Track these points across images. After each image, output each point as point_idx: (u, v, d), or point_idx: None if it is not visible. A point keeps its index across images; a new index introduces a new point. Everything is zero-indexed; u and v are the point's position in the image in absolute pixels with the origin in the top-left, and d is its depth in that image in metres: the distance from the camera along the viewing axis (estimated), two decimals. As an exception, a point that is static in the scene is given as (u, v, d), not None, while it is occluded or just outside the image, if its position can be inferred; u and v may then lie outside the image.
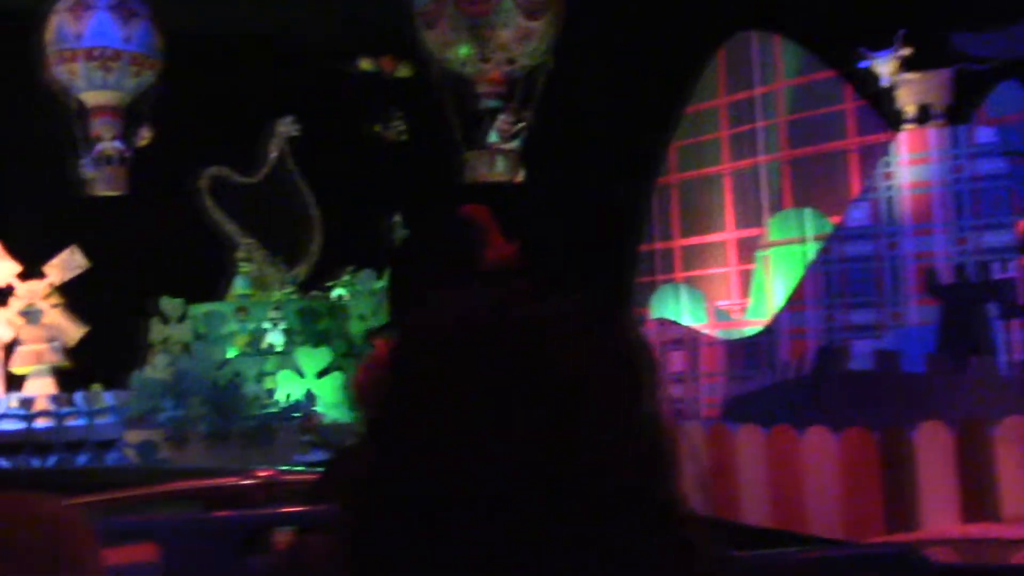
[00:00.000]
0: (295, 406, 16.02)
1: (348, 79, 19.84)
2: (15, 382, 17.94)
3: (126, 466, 14.27)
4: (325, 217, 20.10)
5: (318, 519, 2.46)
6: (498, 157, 16.85)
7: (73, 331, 17.92)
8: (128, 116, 18.58)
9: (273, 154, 19.85)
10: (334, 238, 20.11)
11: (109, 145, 18.32)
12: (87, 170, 18.44)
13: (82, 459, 14.91)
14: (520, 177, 17.17)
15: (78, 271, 18.06)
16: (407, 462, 0.87)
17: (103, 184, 18.33)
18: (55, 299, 17.99)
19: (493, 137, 16.96)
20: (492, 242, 1.84)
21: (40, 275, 18.03)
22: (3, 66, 18.51)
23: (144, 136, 18.58)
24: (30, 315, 17.88)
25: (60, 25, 18.04)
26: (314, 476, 3.36)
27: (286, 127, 19.78)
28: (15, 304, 17.78)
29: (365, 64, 19.67)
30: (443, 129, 17.64)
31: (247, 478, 3.64)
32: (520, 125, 17.02)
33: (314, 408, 15.85)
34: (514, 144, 17.02)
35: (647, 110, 16.31)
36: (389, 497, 0.87)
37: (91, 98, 18.35)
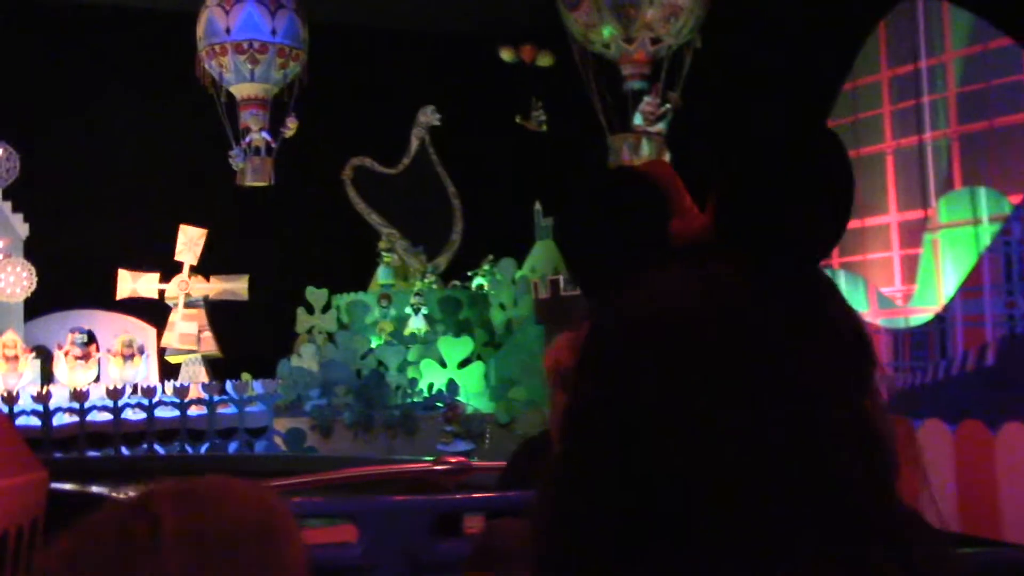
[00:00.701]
0: (438, 396, 15.91)
1: (490, 70, 19.64)
2: (169, 371, 18.48)
3: (275, 455, 14.41)
4: (466, 206, 20.00)
5: (507, 505, 2.61)
6: (643, 141, 16.30)
7: (238, 284, 18.20)
8: (274, 107, 18.87)
9: (415, 144, 19.85)
10: (475, 227, 19.99)
11: (257, 136, 18.62)
12: (237, 161, 18.80)
13: (233, 446, 15.15)
14: (666, 161, 16.61)
15: (201, 241, 18.32)
16: (608, 452, 0.85)
17: (251, 175, 18.66)
18: (201, 279, 18.34)
19: (638, 120, 16.42)
20: (680, 209, 1.53)
21: (179, 267, 18.45)
22: (162, 63, 19.09)
23: (289, 127, 18.82)
24: (190, 305, 18.28)
25: (211, 20, 18.43)
26: (502, 464, 3.28)
27: (427, 117, 19.75)
28: (172, 287, 18.23)
29: (506, 55, 19.41)
30: (586, 114, 17.22)
31: (439, 464, 3.60)
32: (666, 107, 16.44)
33: (457, 398, 15.70)
34: (660, 127, 16.45)
35: (801, 87, 15.48)
36: (585, 486, 0.86)
37: (240, 90, 18.68)
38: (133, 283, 18.26)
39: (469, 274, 19.39)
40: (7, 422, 5.61)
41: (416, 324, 17.71)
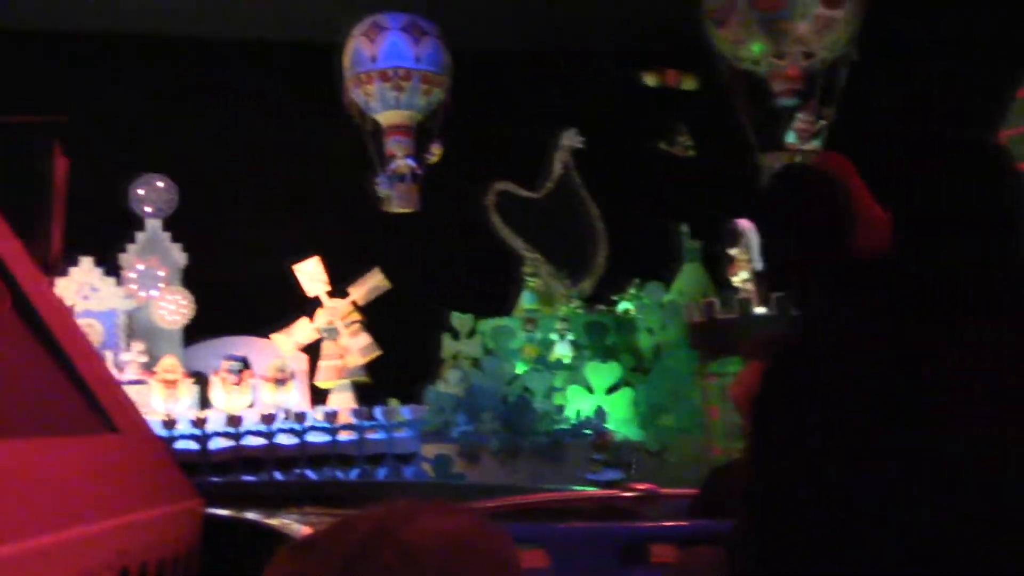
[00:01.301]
0: (585, 423, 15.59)
1: (632, 92, 19.36)
2: (319, 396, 18.75)
3: (423, 481, 14.34)
4: (610, 229, 19.68)
5: (698, 534, 2.66)
6: (797, 159, 15.67)
7: (360, 356, 18.43)
8: (419, 134, 19.04)
9: (558, 167, 19.67)
10: (619, 250, 19.65)
11: (402, 163, 18.82)
12: (382, 188, 19.02)
13: (382, 472, 15.19)
14: (821, 179, 15.90)
15: (379, 292, 18.64)
16: (812, 480, 0.88)
17: (397, 201, 18.85)
18: (354, 317, 18.62)
19: (791, 138, 15.80)
20: (861, 208, 1.45)
21: (344, 294, 18.77)
22: (310, 94, 19.55)
23: (434, 153, 18.95)
24: (330, 332, 18.62)
25: (356, 49, 18.77)
26: (692, 492, 3.38)
27: (570, 140, 19.56)
28: (320, 318, 18.58)
29: (650, 79, 19.10)
30: (733, 134, 16.70)
31: (626, 490, 3.60)
32: (820, 124, 15.77)
33: (604, 425, 15.34)
34: (814, 145, 15.78)
35: (966, 99, 14.58)
36: (789, 515, 0.89)
37: (385, 118, 18.94)
38: (311, 271, 18.60)
39: (615, 298, 19.04)
40: (163, 447, 5.58)
41: (562, 350, 17.46)
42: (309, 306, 18.91)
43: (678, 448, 14.16)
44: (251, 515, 9.09)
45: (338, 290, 18.85)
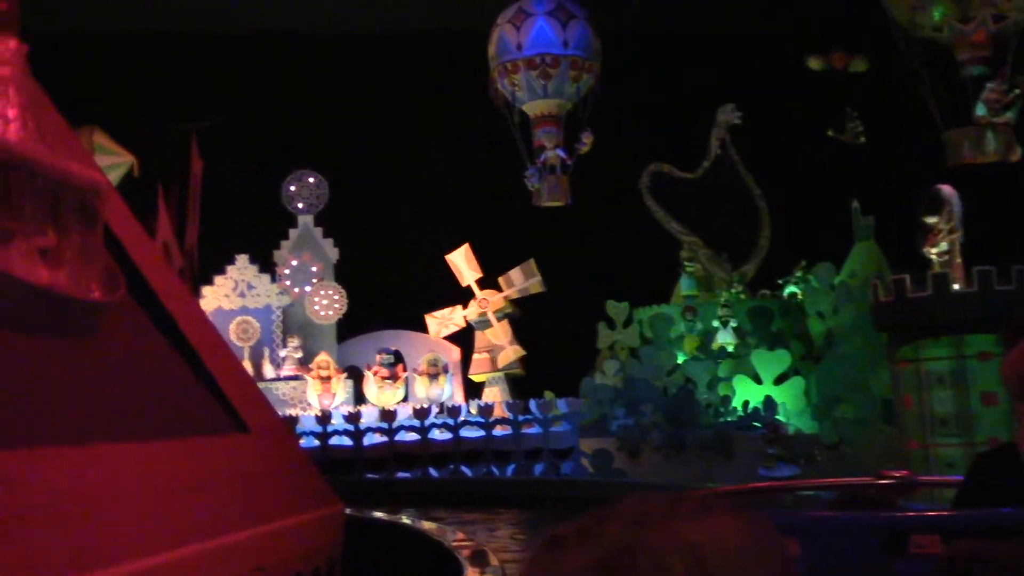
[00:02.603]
0: (754, 414, 14.59)
1: (797, 71, 18.19)
2: (474, 389, 18.37)
3: (582, 478, 13.68)
4: (773, 209, 18.51)
5: (962, 524, 2.54)
6: (988, 134, 14.09)
7: (509, 350, 17.92)
8: (568, 123, 18.37)
9: (715, 145, 18.63)
10: (784, 231, 18.47)
11: (552, 154, 18.18)
12: (532, 182, 18.44)
13: (539, 468, 14.60)
14: (1017, 155, 14.29)
15: (532, 289, 18.14)
16: None
17: (548, 194, 18.24)
18: (506, 309, 18.13)
19: (980, 110, 14.23)
20: None
21: (497, 286, 18.33)
22: (455, 85, 19.17)
23: (585, 142, 18.22)
24: (481, 324, 18.20)
25: (502, 38, 18.22)
26: (954, 479, 3.18)
27: (727, 115, 18.47)
28: (472, 309, 18.18)
29: (815, 63, 17.89)
30: (908, 110, 15.28)
31: (880, 478, 3.37)
32: (1015, 93, 14.18)
33: (776, 417, 14.31)
34: (1008, 116, 14.21)
35: None
36: None
37: (533, 108, 18.33)
38: (463, 260, 18.32)
39: (780, 282, 17.91)
40: (299, 448, 5.06)
41: (724, 337, 16.48)
42: (462, 299, 18.56)
43: (859, 441, 13.00)
44: (407, 520, 8.66)
45: (492, 282, 18.43)
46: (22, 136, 3.86)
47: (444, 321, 18.00)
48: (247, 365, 17.63)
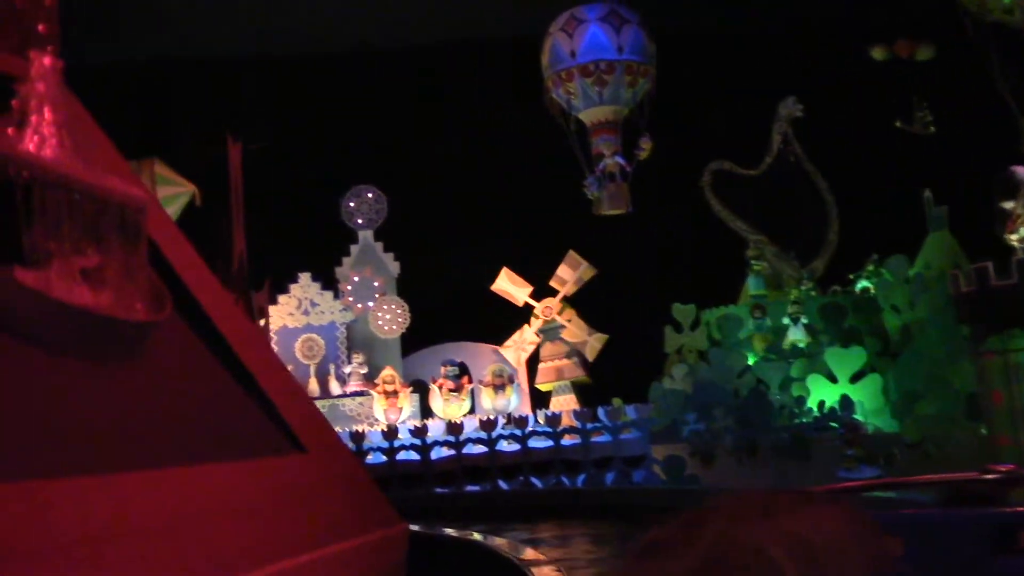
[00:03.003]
0: (830, 415, 14.10)
1: (861, 61, 17.69)
2: (540, 399, 18.13)
3: (655, 487, 13.33)
4: (841, 202, 17.98)
5: None
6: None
7: (592, 341, 17.69)
8: (626, 129, 18.07)
9: (777, 140, 18.17)
10: (853, 224, 17.93)
11: (610, 161, 17.90)
12: (592, 190, 18.17)
13: (610, 477, 14.29)
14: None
15: (585, 276, 17.83)
16: None
17: (608, 203, 17.95)
18: (569, 313, 17.94)
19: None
20: None
21: (552, 292, 18.11)
22: (514, 95, 18.99)
23: (644, 148, 17.91)
24: (547, 332, 18.00)
25: (555, 46, 18.00)
26: None
27: (789, 109, 18.00)
28: (534, 324, 17.99)
29: (878, 53, 17.38)
30: (978, 97, 14.70)
31: (987, 473, 3.18)
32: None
33: (854, 416, 13.81)
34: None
35: None
36: None
37: (589, 116, 18.07)
38: (509, 284, 18.14)
39: (851, 276, 17.39)
40: (359, 467, 4.87)
41: (796, 336, 16.02)
42: (522, 316, 18.36)
43: (943, 438, 12.46)
44: (473, 534, 8.47)
45: (543, 290, 18.20)
46: (58, 153, 3.73)
47: (519, 345, 17.82)
48: (313, 383, 17.65)
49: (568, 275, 17.86)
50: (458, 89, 20.60)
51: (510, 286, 18.05)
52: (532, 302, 18.09)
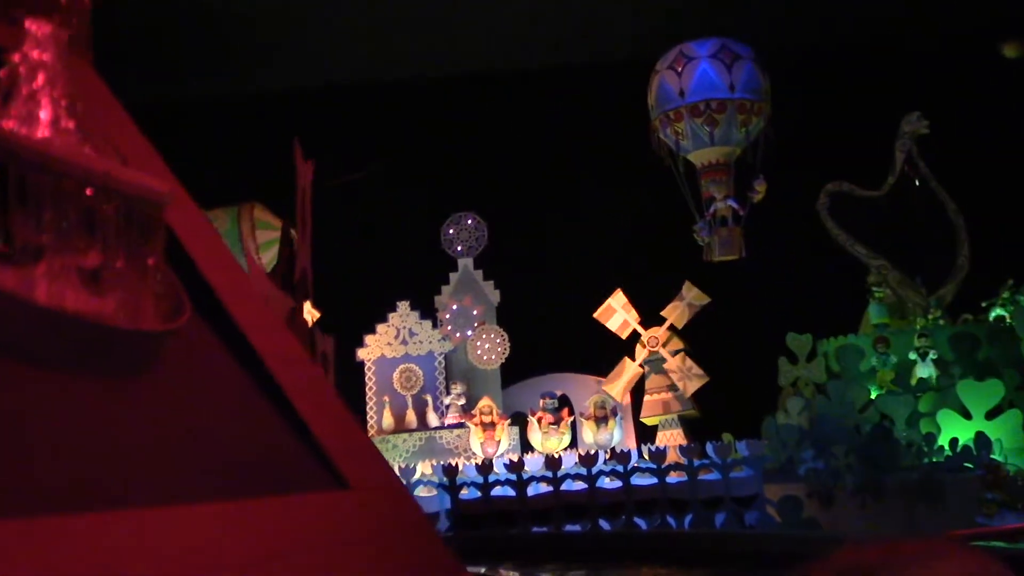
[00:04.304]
0: (965, 453, 12.89)
1: (989, 65, 16.48)
2: (646, 434, 17.27)
3: (769, 532, 12.30)
4: (972, 224, 16.68)
5: None
6: None
7: (691, 381, 16.74)
8: (739, 170, 17.12)
9: (900, 158, 17.02)
10: (985, 248, 16.60)
11: (722, 205, 16.99)
12: (702, 235, 17.27)
13: (719, 518, 13.31)
14: None
15: (696, 308, 16.96)
16: None
17: (720, 249, 17.03)
18: (676, 344, 17.06)
19: None
20: None
21: (660, 320, 17.28)
22: (619, 130, 18.30)
23: (758, 190, 16.95)
24: (652, 363, 17.15)
25: (662, 84, 17.17)
26: None
27: (913, 125, 16.86)
28: (640, 352, 17.17)
29: (1010, 50, 16.15)
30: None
31: None
32: None
33: (991, 456, 12.57)
34: None
35: None
36: None
37: (699, 157, 17.19)
38: (616, 308, 17.30)
39: (984, 304, 16.11)
40: (419, 514, 4.19)
41: (925, 372, 14.82)
42: (630, 337, 17.56)
43: (1096, 482, 11.19)
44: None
45: (654, 318, 17.36)
46: (52, 133, 3.19)
47: (625, 385, 16.95)
48: (411, 414, 17.14)
49: (677, 303, 16.99)
50: (563, 114, 20.05)
51: (615, 310, 17.23)
52: (640, 329, 17.26)
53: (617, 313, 17.25)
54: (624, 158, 18.59)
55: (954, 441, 13.16)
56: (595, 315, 17.38)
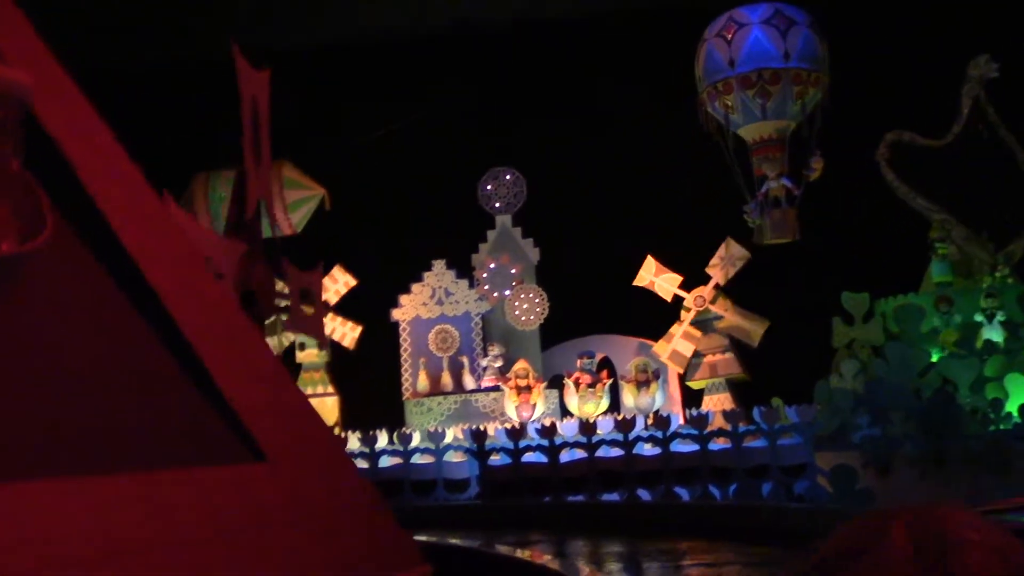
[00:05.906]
0: (1034, 421, 11.96)
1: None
2: (692, 398, 16.50)
3: (819, 505, 11.48)
4: (1044, 175, 15.57)
5: None
6: None
7: (755, 327, 15.91)
8: (794, 146, 15.99)
9: (967, 105, 15.91)
10: (1060, 200, 15.50)
11: (775, 185, 15.90)
12: (753, 217, 16.21)
13: (766, 488, 12.51)
14: None
15: (740, 263, 16.07)
16: None
17: (772, 232, 15.98)
18: (724, 302, 16.21)
19: None
20: None
21: (705, 279, 16.44)
22: (664, 98, 17.33)
23: (814, 168, 15.84)
24: (703, 324, 16.33)
25: (711, 54, 16.00)
26: None
27: (982, 69, 15.74)
28: (686, 317, 16.35)
29: None
30: None
31: None
32: None
33: (1063, 424, 11.63)
34: None
35: None
36: None
37: (750, 132, 16.08)
38: (654, 275, 16.54)
39: (1057, 261, 15.04)
40: (366, 493, 3.44)
41: (992, 334, 13.85)
42: (675, 299, 16.75)
43: None
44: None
45: (700, 276, 16.52)
46: None
47: (681, 349, 16.13)
48: (446, 376, 16.58)
49: (722, 260, 16.09)
50: (606, 65, 19.13)
51: (653, 277, 16.41)
52: (682, 293, 16.41)
53: (653, 281, 16.45)
54: (672, 114, 17.65)
55: (1022, 407, 12.25)
56: (636, 281, 16.61)
